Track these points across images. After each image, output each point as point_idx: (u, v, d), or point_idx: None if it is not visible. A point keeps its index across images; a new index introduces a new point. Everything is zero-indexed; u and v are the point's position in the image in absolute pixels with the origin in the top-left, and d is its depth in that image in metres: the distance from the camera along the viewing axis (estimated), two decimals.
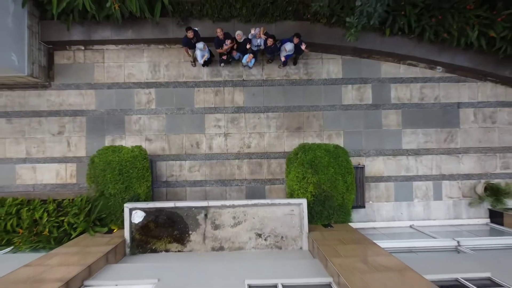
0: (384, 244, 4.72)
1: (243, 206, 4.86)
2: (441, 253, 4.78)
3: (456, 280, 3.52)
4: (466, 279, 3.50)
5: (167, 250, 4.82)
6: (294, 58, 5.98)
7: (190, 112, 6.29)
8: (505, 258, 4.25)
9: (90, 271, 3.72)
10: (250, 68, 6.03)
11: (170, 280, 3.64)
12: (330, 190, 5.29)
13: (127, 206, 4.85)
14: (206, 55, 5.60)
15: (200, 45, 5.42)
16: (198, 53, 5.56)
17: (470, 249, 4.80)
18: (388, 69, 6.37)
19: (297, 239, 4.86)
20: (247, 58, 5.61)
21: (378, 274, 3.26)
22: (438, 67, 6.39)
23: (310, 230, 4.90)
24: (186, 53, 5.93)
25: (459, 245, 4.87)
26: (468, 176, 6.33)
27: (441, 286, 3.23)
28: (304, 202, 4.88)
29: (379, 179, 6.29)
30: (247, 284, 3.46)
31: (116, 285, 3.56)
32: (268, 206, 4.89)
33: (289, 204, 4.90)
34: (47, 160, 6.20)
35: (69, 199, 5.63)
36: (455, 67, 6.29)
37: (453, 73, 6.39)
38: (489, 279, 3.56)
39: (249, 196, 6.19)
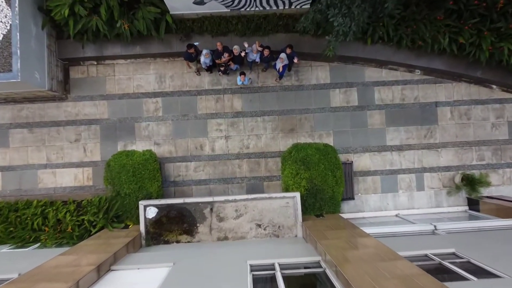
0: (370, 230, 5.35)
1: (244, 200, 5.51)
2: (419, 236, 5.41)
3: (425, 255, 4.16)
4: (434, 254, 4.14)
5: (178, 241, 5.46)
6: (288, 66, 6.64)
7: (194, 118, 6.95)
8: (473, 238, 4.89)
9: (115, 258, 4.36)
10: (246, 85, 6.67)
11: (184, 263, 4.29)
12: (321, 184, 5.94)
13: (141, 203, 5.50)
14: (209, 57, 6.06)
15: (204, 51, 6.00)
16: (202, 58, 6.12)
17: (446, 232, 5.44)
18: (371, 73, 7.04)
19: (292, 227, 5.51)
20: (241, 79, 6.26)
21: (358, 251, 3.90)
22: (416, 70, 7.05)
23: (303, 220, 5.55)
24: (187, 66, 6.59)
25: (436, 229, 5.51)
26: (447, 168, 6.98)
27: (411, 261, 3.86)
28: (297, 195, 5.53)
29: (366, 173, 6.94)
30: (249, 264, 4.10)
31: (138, 268, 4.20)
32: (266, 200, 5.54)
33: (284, 197, 5.55)
34: (65, 165, 6.85)
35: (87, 200, 6.28)
36: (431, 70, 6.96)
37: (430, 75, 7.06)
38: (453, 253, 4.20)
39: (249, 192, 6.81)
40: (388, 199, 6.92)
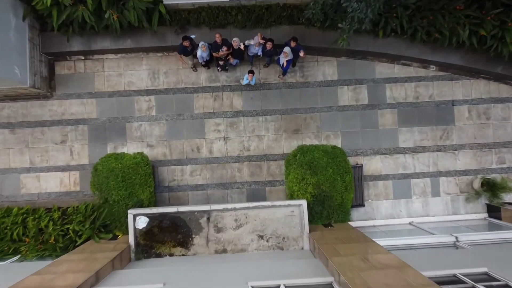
0: (383, 242, 4.82)
1: (245, 208, 4.97)
2: (440, 249, 4.88)
3: (454, 275, 3.62)
4: (464, 275, 3.60)
5: (171, 254, 4.92)
6: (292, 61, 6.08)
7: (190, 117, 6.41)
8: (502, 252, 4.35)
9: (97, 278, 3.82)
10: (253, 85, 6.12)
11: (175, 283, 3.75)
12: (329, 190, 5.40)
13: (130, 212, 4.96)
14: (207, 51, 5.52)
15: (201, 43, 5.46)
16: (199, 52, 5.56)
17: (468, 244, 4.90)
18: (382, 69, 6.50)
19: (298, 239, 4.96)
20: (248, 78, 5.73)
21: (378, 272, 3.36)
22: (431, 66, 6.51)
23: (310, 230, 5.01)
24: (180, 60, 5.97)
25: (457, 241, 4.97)
26: (464, 172, 6.44)
27: (439, 282, 3.32)
28: (304, 203, 4.99)
29: (377, 177, 6.39)
30: (250, 286, 3.56)
31: None
32: (269, 208, 5.00)
33: (289, 205, 5.01)
34: (50, 169, 6.31)
35: (73, 207, 5.74)
36: (448, 66, 6.42)
37: (446, 71, 6.52)
38: (486, 273, 3.66)
39: (250, 198, 6.29)
40: (401, 206, 6.38)
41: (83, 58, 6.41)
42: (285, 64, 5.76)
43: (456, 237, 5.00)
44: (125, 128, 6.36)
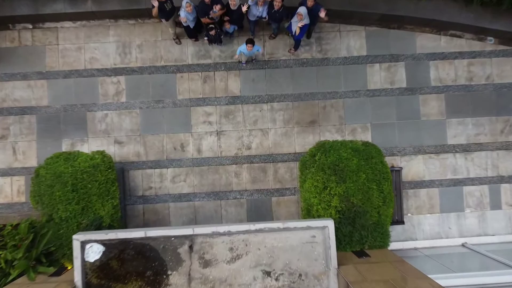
0: (445, 281, 3.31)
1: (244, 232, 3.44)
2: None
3: None
4: None
5: None
6: (308, 29, 4.57)
7: (172, 105, 4.88)
8: None
9: None
10: (260, 52, 4.49)
11: None
12: (362, 203, 3.86)
13: (77, 238, 3.41)
14: (192, 12, 4.09)
15: (185, 1, 3.96)
16: (182, 13, 4.07)
17: None
18: (425, 42, 4.98)
19: (322, 277, 3.42)
20: (247, 48, 4.15)
21: None
22: (489, 38, 4.99)
23: (339, 262, 3.47)
24: (154, 14, 4.11)
25: None
26: None
27: None
28: (330, 224, 3.45)
29: (419, 184, 4.88)
30: None
31: None
32: (279, 232, 3.46)
33: (308, 227, 3.47)
34: None
35: (11, 225, 4.20)
36: (511, 37, 4.90)
37: (509, 44, 5.00)
38: None
39: (251, 212, 4.79)
40: (450, 222, 4.86)
41: (30, 26, 4.87)
42: (298, 32, 4.24)
43: None
44: (85, 119, 4.83)
